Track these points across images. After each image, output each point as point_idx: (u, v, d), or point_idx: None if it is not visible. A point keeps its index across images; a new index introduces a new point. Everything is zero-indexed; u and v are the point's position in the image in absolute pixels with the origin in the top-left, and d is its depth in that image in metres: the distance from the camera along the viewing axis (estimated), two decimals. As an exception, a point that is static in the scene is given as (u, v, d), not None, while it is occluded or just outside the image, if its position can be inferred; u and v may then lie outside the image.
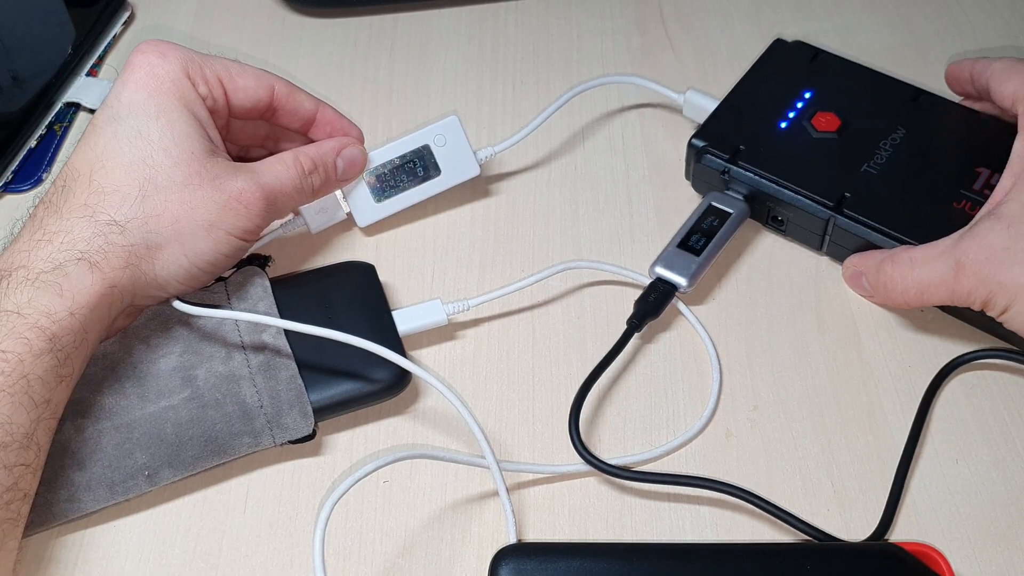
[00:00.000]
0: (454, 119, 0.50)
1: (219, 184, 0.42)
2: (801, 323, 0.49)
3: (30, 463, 0.37)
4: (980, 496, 0.43)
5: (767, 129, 0.50)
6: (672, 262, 0.47)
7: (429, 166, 0.50)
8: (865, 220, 0.47)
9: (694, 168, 0.51)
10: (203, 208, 0.41)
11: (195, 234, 0.41)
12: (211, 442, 0.41)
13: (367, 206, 0.50)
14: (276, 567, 0.41)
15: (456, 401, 0.41)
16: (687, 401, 0.46)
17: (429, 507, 0.43)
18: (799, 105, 0.51)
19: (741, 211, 0.49)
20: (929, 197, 0.47)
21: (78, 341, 0.38)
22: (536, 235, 0.53)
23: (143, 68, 0.42)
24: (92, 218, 0.40)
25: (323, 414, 0.43)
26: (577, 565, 0.39)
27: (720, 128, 0.51)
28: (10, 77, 0.60)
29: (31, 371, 0.36)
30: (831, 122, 0.50)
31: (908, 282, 0.44)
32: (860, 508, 0.42)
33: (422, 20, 0.65)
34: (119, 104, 0.42)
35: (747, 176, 0.49)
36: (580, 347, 0.48)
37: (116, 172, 0.41)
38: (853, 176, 0.48)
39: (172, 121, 0.42)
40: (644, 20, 0.64)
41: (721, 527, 0.42)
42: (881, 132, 0.49)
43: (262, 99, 0.46)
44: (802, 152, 0.49)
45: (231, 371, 0.42)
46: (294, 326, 0.42)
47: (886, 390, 0.46)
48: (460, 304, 0.47)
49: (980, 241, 0.41)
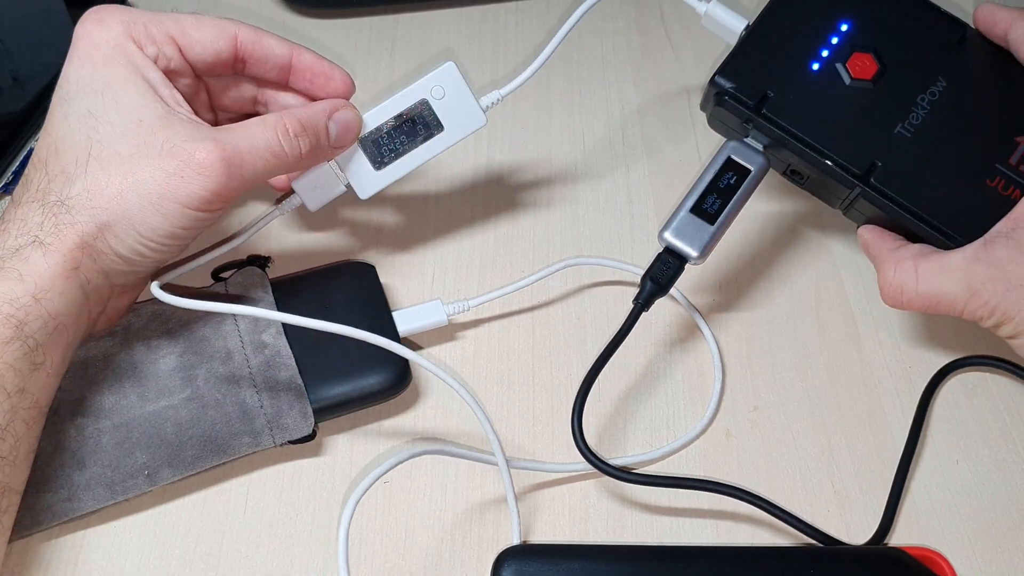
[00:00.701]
0: (451, 65, 0.45)
1: (169, 150, 0.38)
2: (801, 324, 0.49)
3: (6, 455, 0.36)
4: (981, 497, 0.43)
5: (798, 71, 0.45)
6: (684, 230, 0.43)
7: (430, 123, 0.45)
8: (893, 196, 0.43)
9: (713, 108, 0.46)
10: (149, 179, 0.38)
11: (143, 208, 0.38)
12: (211, 442, 0.41)
13: (367, 175, 0.45)
14: (276, 567, 0.41)
15: (468, 397, 0.40)
16: (687, 401, 0.46)
17: (429, 508, 0.43)
18: (835, 41, 0.46)
19: (761, 167, 0.45)
20: (962, 171, 0.44)
21: (50, 328, 0.37)
22: (536, 235, 0.53)
23: (84, 40, 0.40)
24: (42, 201, 0.38)
25: (323, 415, 0.43)
26: (580, 567, 0.39)
27: (747, 65, 0.45)
28: (11, 78, 0.60)
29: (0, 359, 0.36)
30: (868, 68, 0.45)
31: (912, 295, 0.42)
32: (860, 509, 0.42)
33: (422, 21, 0.65)
34: (67, 83, 0.40)
35: (771, 130, 0.45)
36: (580, 347, 0.48)
37: (67, 154, 0.39)
38: (885, 139, 0.44)
39: (118, 92, 0.39)
40: (644, 20, 0.64)
41: (721, 529, 0.42)
42: (921, 83, 0.45)
43: (223, 50, 0.42)
44: (834, 104, 0.45)
45: (231, 371, 0.42)
46: (290, 318, 0.40)
47: (886, 390, 0.46)
48: (460, 304, 0.47)
49: (997, 271, 0.40)
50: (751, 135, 0.46)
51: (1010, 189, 0.43)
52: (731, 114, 0.46)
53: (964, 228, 0.42)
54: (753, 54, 0.46)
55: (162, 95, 0.40)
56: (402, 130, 0.45)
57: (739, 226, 0.52)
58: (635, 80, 0.60)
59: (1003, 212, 0.41)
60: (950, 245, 0.43)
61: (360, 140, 0.45)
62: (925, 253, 0.42)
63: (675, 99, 0.57)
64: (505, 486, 0.40)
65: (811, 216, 0.53)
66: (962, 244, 0.42)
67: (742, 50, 0.46)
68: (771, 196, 0.54)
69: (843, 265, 0.51)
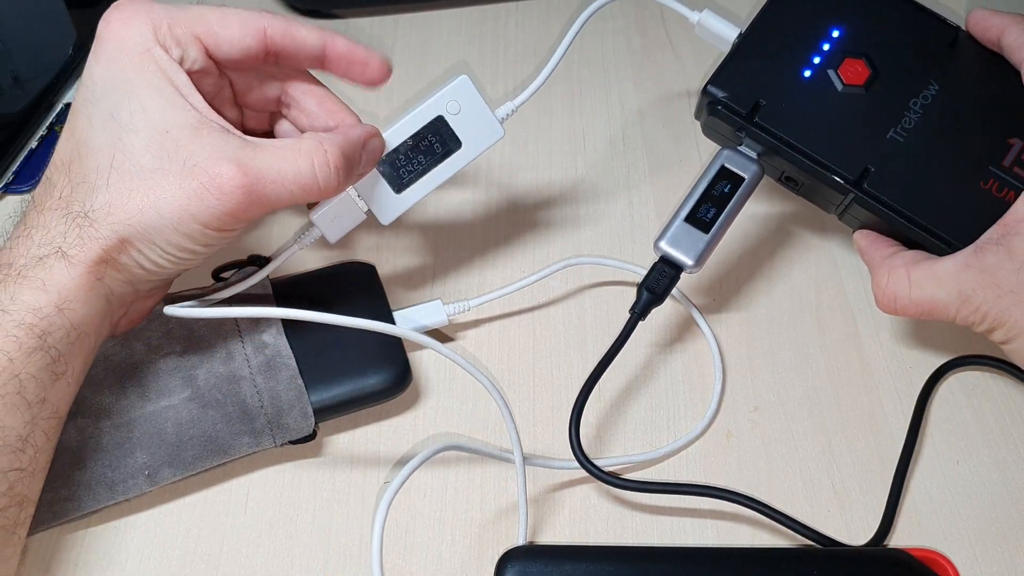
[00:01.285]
0: (465, 80, 0.44)
1: (192, 168, 0.37)
2: (802, 324, 0.49)
3: (25, 467, 0.36)
4: (981, 497, 0.43)
5: (790, 78, 0.46)
6: (679, 239, 0.44)
7: (447, 140, 0.44)
8: (886, 201, 0.44)
9: (706, 118, 0.47)
10: (170, 197, 0.37)
11: (163, 227, 0.37)
12: (211, 442, 0.41)
13: (387, 200, 0.44)
14: (277, 567, 0.41)
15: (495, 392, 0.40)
16: (688, 402, 0.46)
17: (429, 507, 0.43)
18: (826, 47, 0.46)
19: (755, 175, 0.46)
20: (956, 174, 0.44)
21: (72, 337, 0.37)
22: (536, 235, 0.53)
23: (110, 41, 0.38)
24: (66, 210, 0.38)
25: (323, 415, 0.43)
26: (584, 568, 0.39)
27: (739, 74, 0.46)
28: (11, 78, 0.60)
29: (22, 370, 0.35)
30: (860, 73, 0.46)
31: (905, 302, 0.42)
32: (861, 509, 0.42)
33: (423, 21, 0.65)
34: (93, 83, 0.39)
35: (764, 138, 0.45)
36: (580, 347, 0.48)
37: (89, 159, 0.38)
38: (878, 144, 0.44)
39: (144, 99, 0.38)
40: (644, 21, 0.64)
41: (722, 530, 0.42)
42: (913, 88, 0.45)
43: (251, 47, 0.40)
44: (827, 110, 0.45)
45: (232, 371, 0.42)
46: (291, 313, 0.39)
47: (886, 391, 0.46)
48: (461, 304, 0.47)
49: (989, 278, 0.40)
50: (745, 143, 0.46)
51: (1004, 191, 0.43)
52: (724, 123, 0.46)
53: (959, 232, 0.43)
54: (745, 62, 0.46)
55: (192, 102, 0.38)
56: (419, 150, 0.44)
57: (739, 227, 0.52)
58: (635, 80, 0.60)
59: (997, 214, 0.41)
60: (945, 249, 0.43)
61: (378, 163, 0.43)
62: (917, 260, 0.42)
63: (675, 99, 0.57)
64: (518, 485, 0.40)
65: (811, 216, 0.53)
66: (957, 248, 0.42)
67: (734, 58, 0.46)
68: (771, 197, 0.54)
69: (843, 265, 0.51)
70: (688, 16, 0.48)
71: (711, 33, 0.48)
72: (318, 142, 0.39)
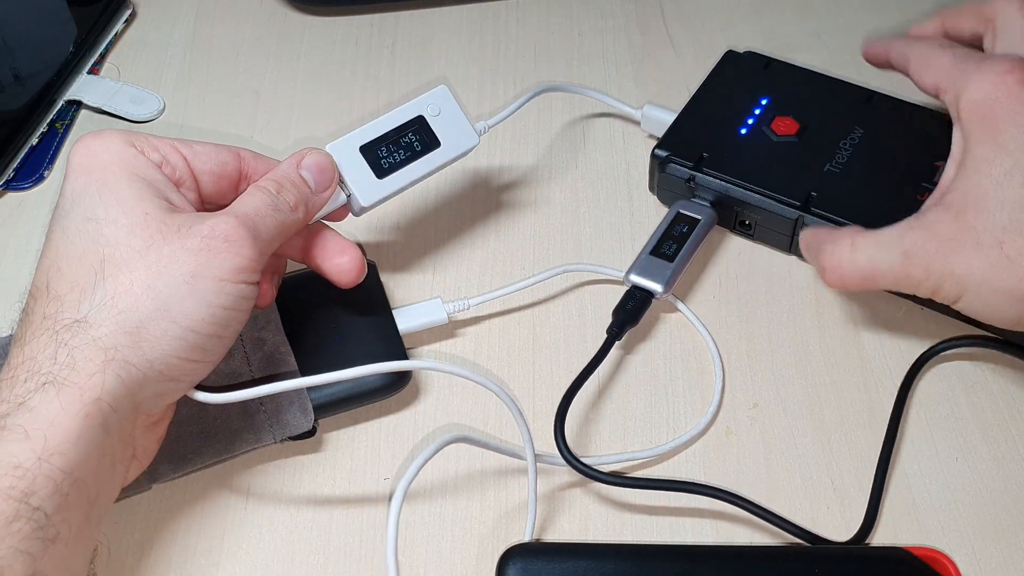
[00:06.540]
0: (444, 88, 0.47)
1: (186, 231, 0.36)
2: (801, 321, 0.49)
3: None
4: (979, 493, 0.43)
5: (728, 136, 0.51)
6: (646, 269, 0.47)
7: (427, 137, 0.46)
8: (833, 217, 0.47)
9: (659, 178, 0.52)
10: (176, 261, 0.36)
11: (177, 293, 0.35)
12: (211, 439, 0.42)
13: (369, 184, 0.45)
14: (277, 563, 0.41)
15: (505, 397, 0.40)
16: (687, 399, 0.46)
17: (429, 505, 0.43)
18: (757, 112, 0.52)
19: (709, 217, 0.49)
20: (893, 192, 0.48)
21: (65, 488, 0.32)
22: (536, 233, 0.53)
23: (80, 153, 0.38)
24: (52, 329, 0.34)
25: (323, 411, 0.43)
26: (586, 566, 0.39)
27: (681, 137, 0.51)
28: (12, 75, 0.60)
29: (1, 546, 0.30)
30: (790, 126, 0.51)
31: (849, 268, 0.42)
32: (860, 507, 0.42)
33: (423, 18, 0.65)
34: (64, 199, 0.37)
35: (713, 182, 0.49)
36: (580, 346, 0.48)
37: (70, 270, 0.36)
38: (817, 176, 0.49)
39: (118, 191, 0.37)
40: (645, 19, 0.64)
41: (721, 528, 0.42)
42: (839, 133, 0.50)
43: (228, 162, 0.41)
44: (764, 156, 0.50)
45: (231, 368, 0.42)
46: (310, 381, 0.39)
47: (886, 389, 0.46)
48: (460, 303, 0.47)
49: (928, 231, 0.41)
50: (697, 193, 0.50)
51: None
52: (675, 177, 0.50)
53: None
54: (685, 129, 0.52)
55: (166, 195, 0.38)
56: (401, 144, 0.46)
57: (739, 224, 0.52)
58: (636, 78, 0.60)
59: None
60: None
61: (361, 149, 0.45)
62: (862, 231, 0.43)
63: (676, 97, 0.57)
64: (529, 482, 0.40)
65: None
66: None
67: (675, 127, 0.52)
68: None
69: (843, 263, 0.51)
70: (632, 114, 0.55)
71: (654, 121, 0.55)
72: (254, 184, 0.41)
